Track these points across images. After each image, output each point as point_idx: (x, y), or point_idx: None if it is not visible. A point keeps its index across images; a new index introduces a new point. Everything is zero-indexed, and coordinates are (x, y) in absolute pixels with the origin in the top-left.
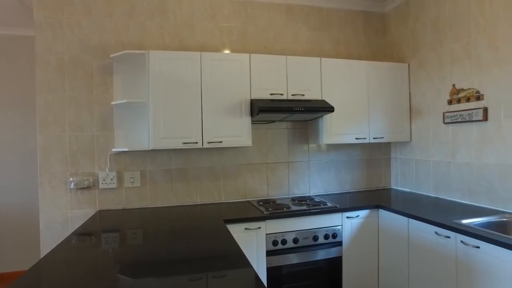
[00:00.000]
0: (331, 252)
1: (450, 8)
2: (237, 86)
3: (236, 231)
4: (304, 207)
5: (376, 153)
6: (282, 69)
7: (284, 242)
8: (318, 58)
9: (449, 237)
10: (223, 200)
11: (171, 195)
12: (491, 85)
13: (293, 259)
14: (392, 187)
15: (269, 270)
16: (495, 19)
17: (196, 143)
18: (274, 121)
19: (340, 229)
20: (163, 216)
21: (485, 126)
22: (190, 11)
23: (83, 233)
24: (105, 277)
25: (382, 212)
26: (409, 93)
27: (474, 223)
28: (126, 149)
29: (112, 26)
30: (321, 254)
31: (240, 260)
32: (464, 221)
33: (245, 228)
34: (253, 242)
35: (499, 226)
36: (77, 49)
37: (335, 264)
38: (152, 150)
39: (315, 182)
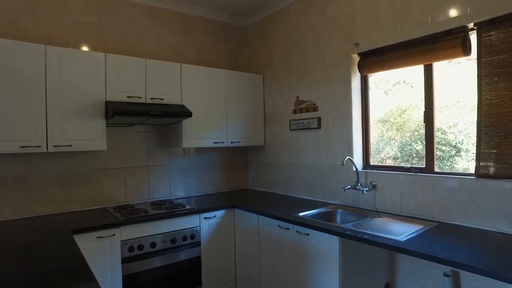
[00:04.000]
0: (191, 253)
1: (295, 32)
2: (90, 87)
3: (87, 240)
4: (163, 211)
5: (235, 156)
6: (141, 72)
7: (140, 247)
8: (179, 64)
9: (288, 229)
10: (75, 208)
11: (5, 207)
12: (323, 99)
13: (151, 263)
14: (249, 187)
15: (126, 278)
16: (324, 48)
17: (39, 146)
18: (133, 125)
19: (198, 230)
20: None
21: (319, 133)
22: None
23: None
24: None
25: (237, 211)
26: (264, 101)
27: (308, 215)
28: None
29: None
30: (181, 256)
31: (84, 275)
32: (301, 214)
33: (98, 237)
34: (106, 251)
35: (325, 216)
36: None
37: (195, 263)
38: None
39: (176, 185)
